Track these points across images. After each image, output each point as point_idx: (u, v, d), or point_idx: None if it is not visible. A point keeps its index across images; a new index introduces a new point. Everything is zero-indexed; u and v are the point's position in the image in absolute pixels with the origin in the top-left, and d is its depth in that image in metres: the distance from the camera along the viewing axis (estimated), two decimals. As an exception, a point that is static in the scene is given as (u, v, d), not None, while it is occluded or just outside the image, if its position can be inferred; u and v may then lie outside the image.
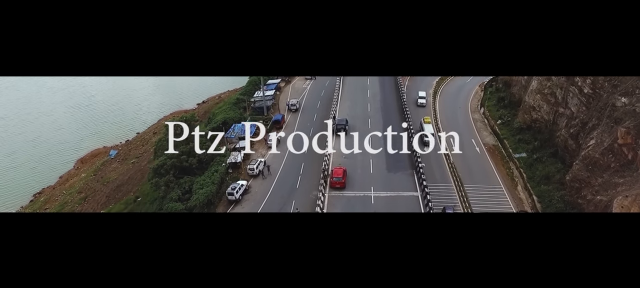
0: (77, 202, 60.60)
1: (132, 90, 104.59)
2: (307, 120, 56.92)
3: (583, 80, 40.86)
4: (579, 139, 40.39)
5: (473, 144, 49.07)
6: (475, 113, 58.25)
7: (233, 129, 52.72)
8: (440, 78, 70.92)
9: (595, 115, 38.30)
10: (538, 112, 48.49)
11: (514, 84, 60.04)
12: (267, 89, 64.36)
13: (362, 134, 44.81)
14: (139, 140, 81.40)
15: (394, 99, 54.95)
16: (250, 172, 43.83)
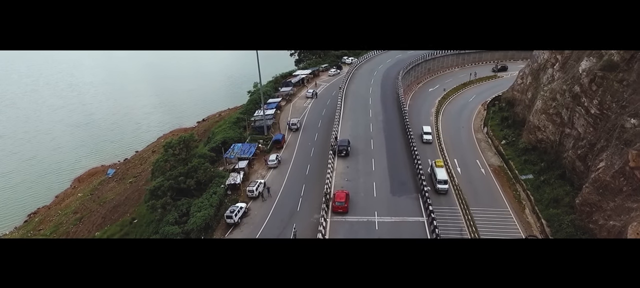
0: (72, 223, 59.20)
1: (132, 108, 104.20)
2: (308, 139, 55.97)
3: (590, 101, 40.05)
4: (587, 160, 39.32)
5: (478, 165, 47.99)
6: (479, 133, 57.35)
7: (232, 148, 51.74)
8: (442, 97, 70.41)
9: (604, 137, 37.30)
10: (543, 133, 47.55)
11: (518, 103, 59.35)
12: (268, 107, 63.64)
13: (364, 156, 43.71)
14: (137, 158, 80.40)
15: (396, 118, 54.09)
16: (249, 194, 42.66)
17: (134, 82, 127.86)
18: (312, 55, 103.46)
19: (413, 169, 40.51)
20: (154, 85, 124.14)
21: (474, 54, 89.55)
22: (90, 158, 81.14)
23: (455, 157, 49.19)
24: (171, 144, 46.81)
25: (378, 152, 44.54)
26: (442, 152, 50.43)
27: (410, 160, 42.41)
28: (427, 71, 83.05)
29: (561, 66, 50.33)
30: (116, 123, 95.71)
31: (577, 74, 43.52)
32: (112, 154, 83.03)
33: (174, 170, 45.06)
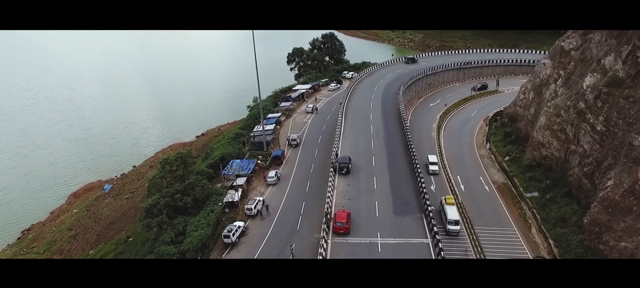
0: (67, 241, 57.84)
1: (130, 123, 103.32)
2: (308, 155, 55.06)
3: (595, 117, 39.25)
4: (594, 178, 38.33)
5: (481, 181, 46.99)
6: (482, 149, 56.47)
7: (231, 165, 50.77)
8: (443, 112, 69.73)
9: (611, 154, 36.39)
10: (548, 149, 46.66)
11: (520, 119, 58.62)
12: (267, 123, 62.87)
13: (366, 173, 42.68)
14: (134, 173, 79.30)
15: (398, 134, 53.23)
16: (247, 212, 41.56)
17: (134, 95, 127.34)
18: (312, 69, 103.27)
19: (416, 187, 39.46)
20: (154, 99, 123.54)
21: (474, 69, 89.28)
22: (87, 174, 79.97)
23: (458, 174, 48.20)
24: (168, 160, 45.87)
25: (380, 169, 43.55)
26: (444, 168, 49.47)
27: (413, 178, 41.40)
28: (427, 86, 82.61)
29: (564, 82, 49.74)
30: (114, 137, 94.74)
31: (581, 89, 42.86)
32: (109, 169, 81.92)
33: (171, 187, 44.03)
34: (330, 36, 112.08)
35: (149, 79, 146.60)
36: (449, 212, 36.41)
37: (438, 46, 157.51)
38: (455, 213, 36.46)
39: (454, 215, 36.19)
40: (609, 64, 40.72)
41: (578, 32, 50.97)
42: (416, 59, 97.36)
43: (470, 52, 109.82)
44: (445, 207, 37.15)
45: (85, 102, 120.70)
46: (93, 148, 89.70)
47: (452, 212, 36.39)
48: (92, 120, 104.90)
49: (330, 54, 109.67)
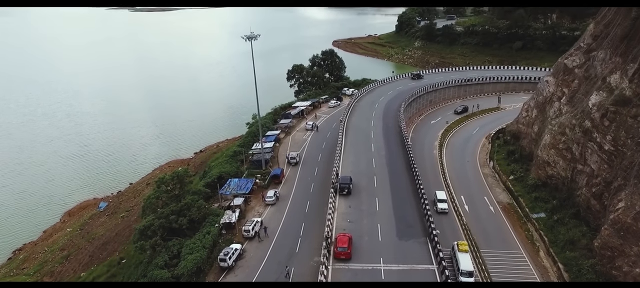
0: (58, 261, 56.09)
1: (129, 139, 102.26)
2: (308, 174, 53.84)
3: (603, 137, 38.23)
4: (603, 199, 37.09)
5: (486, 202, 45.69)
6: (485, 167, 55.30)
7: (228, 184, 49.50)
8: (445, 129, 68.82)
9: (621, 175, 35.22)
10: (553, 168, 45.51)
11: (523, 137, 57.65)
12: (266, 140, 61.85)
13: (368, 194, 41.38)
14: (131, 191, 77.86)
15: (399, 153, 52.11)
16: (245, 234, 40.13)
17: (133, 111, 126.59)
18: (312, 86, 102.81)
19: (420, 209, 38.12)
20: (153, 115, 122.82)
21: (475, 86, 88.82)
22: (83, 191, 78.55)
23: (462, 194, 46.94)
24: (164, 180, 44.63)
25: (382, 189, 42.26)
26: (448, 187, 48.22)
27: (416, 199, 40.09)
28: (428, 103, 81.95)
29: (568, 99, 48.93)
30: (112, 154, 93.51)
31: (586, 108, 41.96)
32: (105, 187, 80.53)
33: (166, 207, 42.71)
34: (330, 53, 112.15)
35: (149, 94, 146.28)
36: (462, 261, 31.36)
37: (437, 62, 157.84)
38: (469, 264, 31.48)
39: (468, 266, 31.07)
40: (614, 82, 39.93)
41: (581, 49, 50.44)
42: (422, 75, 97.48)
43: (472, 68, 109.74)
44: (458, 254, 32.00)
45: (84, 118, 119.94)
46: (90, 165, 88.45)
47: (465, 262, 31.36)
48: (90, 137, 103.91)
49: (330, 71, 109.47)
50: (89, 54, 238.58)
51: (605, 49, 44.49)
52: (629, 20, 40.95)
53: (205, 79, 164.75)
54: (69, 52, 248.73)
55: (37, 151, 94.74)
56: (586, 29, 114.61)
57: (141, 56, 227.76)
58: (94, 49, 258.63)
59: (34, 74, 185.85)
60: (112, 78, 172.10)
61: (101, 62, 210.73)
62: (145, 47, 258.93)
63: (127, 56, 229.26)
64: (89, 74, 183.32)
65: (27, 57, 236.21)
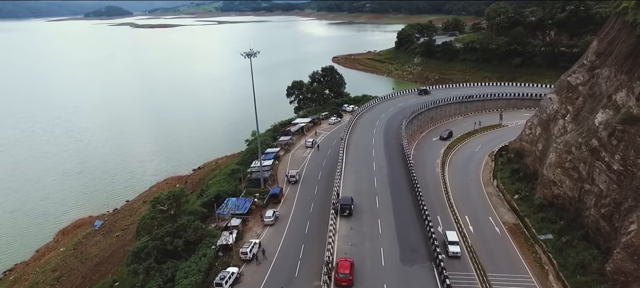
0: (50, 283, 54.36)
1: (127, 156, 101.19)
2: (308, 193, 52.58)
3: (611, 156, 37.16)
4: (613, 221, 35.83)
5: (491, 222, 44.35)
6: (489, 186, 54.09)
7: (226, 203, 48.20)
8: (447, 147, 67.80)
9: (631, 195, 34.03)
10: (560, 188, 44.31)
11: (527, 155, 56.60)
12: (265, 158, 60.76)
13: (370, 215, 40.03)
14: (127, 209, 76.37)
15: (402, 171, 50.87)
16: (242, 257, 38.67)
17: (132, 127, 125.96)
18: (312, 102, 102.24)
19: (424, 232, 36.76)
20: (152, 130, 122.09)
21: (476, 102, 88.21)
22: (79, 209, 77.02)
23: (466, 214, 45.62)
24: (159, 199, 43.36)
25: (384, 210, 40.95)
26: (451, 207, 46.93)
27: (420, 220, 38.76)
28: (430, 120, 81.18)
29: (573, 117, 48.06)
30: (109, 171, 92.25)
31: (593, 126, 41.03)
32: (101, 204, 79.04)
33: (161, 228, 41.36)
34: (330, 69, 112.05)
35: (149, 110, 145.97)
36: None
37: (437, 79, 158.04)
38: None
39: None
40: (621, 100, 39.08)
41: (584, 67, 49.82)
42: (429, 90, 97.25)
43: (476, 85, 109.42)
44: None
45: (83, 134, 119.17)
46: (87, 182, 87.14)
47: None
48: (88, 153, 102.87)
49: (330, 87, 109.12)
50: (91, 70, 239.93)
51: (610, 66, 43.81)
52: (634, 38, 40.33)
53: (205, 94, 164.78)
54: (72, 68, 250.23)
55: (33, 168, 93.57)
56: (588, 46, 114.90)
57: (142, 72, 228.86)
58: (96, 64, 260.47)
59: (35, 89, 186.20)
60: (113, 93, 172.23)
61: (103, 78, 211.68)
62: (146, 63, 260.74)
63: (129, 72, 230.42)
64: (90, 89, 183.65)
65: (28, 72, 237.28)
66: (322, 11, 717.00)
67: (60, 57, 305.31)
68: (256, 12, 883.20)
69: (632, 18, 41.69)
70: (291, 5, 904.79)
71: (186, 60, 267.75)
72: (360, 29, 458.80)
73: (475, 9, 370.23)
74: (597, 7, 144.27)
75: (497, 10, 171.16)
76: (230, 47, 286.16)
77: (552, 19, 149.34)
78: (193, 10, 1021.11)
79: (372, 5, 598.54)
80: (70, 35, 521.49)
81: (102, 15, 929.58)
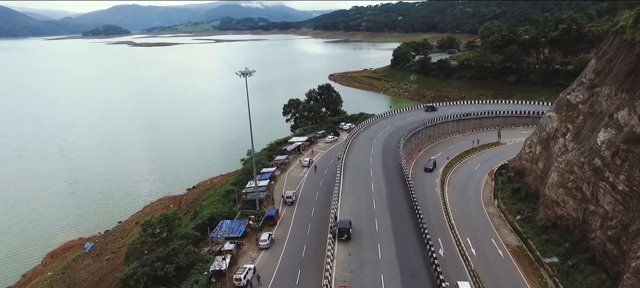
0: (36, 311, 52.10)
1: (121, 176, 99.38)
2: (305, 215, 51.13)
3: (615, 176, 36.22)
4: (621, 243, 34.66)
5: (494, 244, 43.03)
6: (490, 206, 52.91)
7: (220, 226, 46.65)
8: (446, 165, 66.81)
9: (639, 217, 33.00)
10: (563, 209, 43.22)
11: (527, 174, 55.68)
12: (261, 178, 59.39)
13: (369, 239, 38.58)
14: (119, 231, 74.27)
15: (401, 192, 49.54)
16: (236, 283, 37.04)
17: (127, 145, 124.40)
18: (309, 120, 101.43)
19: (425, 256, 35.37)
20: (148, 150, 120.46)
21: (474, 120, 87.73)
22: (69, 231, 74.82)
23: (468, 236, 44.30)
24: (150, 223, 41.79)
25: (384, 234, 39.53)
26: (452, 229, 45.61)
27: (421, 244, 37.37)
28: (427, 138, 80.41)
29: (574, 136, 47.34)
30: (102, 192, 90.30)
31: (595, 145, 40.25)
32: (93, 225, 76.92)
33: (152, 253, 39.72)
34: (327, 87, 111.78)
35: (145, 129, 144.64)
36: None
37: (433, 96, 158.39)
38: None
39: None
40: (623, 119, 38.40)
41: (584, 85, 49.38)
42: (436, 107, 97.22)
43: (474, 102, 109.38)
44: None
45: (76, 153, 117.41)
46: (79, 203, 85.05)
47: None
48: (81, 173, 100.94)
49: (327, 105, 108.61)
50: (87, 88, 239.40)
51: (610, 85, 43.35)
52: (633, 57, 39.96)
53: (202, 112, 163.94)
54: (68, 86, 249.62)
55: (24, 188, 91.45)
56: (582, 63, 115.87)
57: (139, 90, 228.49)
58: (93, 83, 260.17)
59: (30, 107, 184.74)
60: (109, 112, 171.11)
61: (99, 96, 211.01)
62: (143, 82, 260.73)
63: (125, 90, 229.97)
64: (85, 107, 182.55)
65: (24, 90, 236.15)
66: (318, 30, 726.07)
67: (56, 76, 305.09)
68: (253, 31, 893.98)
69: (630, 36, 41.50)
70: (287, 24, 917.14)
71: (183, 78, 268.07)
72: (356, 47, 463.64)
73: (469, 27, 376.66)
74: (589, 26, 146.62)
75: (491, 29, 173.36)
76: (227, 65, 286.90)
77: (545, 37, 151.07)
78: (191, 29, 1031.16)
79: (368, 23, 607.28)
80: (68, 53, 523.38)
81: (100, 34, 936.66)
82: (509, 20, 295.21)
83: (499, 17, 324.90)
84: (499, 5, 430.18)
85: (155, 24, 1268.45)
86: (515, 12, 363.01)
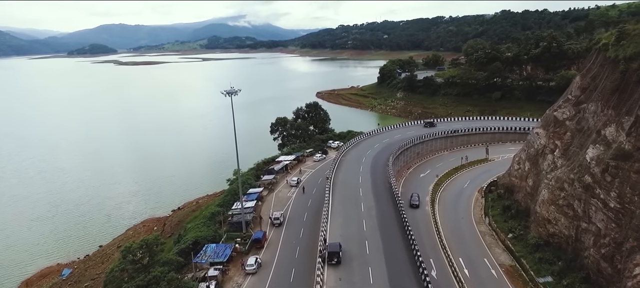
0: (6, 346, 48.83)
1: (104, 198, 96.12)
2: (293, 236, 49.58)
3: (606, 193, 35.95)
4: (615, 262, 34.14)
5: (487, 264, 42.14)
6: (481, 224, 52.24)
7: (205, 250, 44.74)
8: (435, 183, 66.29)
9: (632, 235, 32.56)
10: (555, 226, 42.76)
11: (517, 190, 55.41)
12: (248, 199, 57.79)
13: (360, 263, 37.22)
14: (99, 255, 71.19)
15: (391, 212, 48.43)
16: (221, 312, 35.15)
17: (111, 166, 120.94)
18: (296, 139, 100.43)
19: (418, 279, 34.21)
20: (132, 170, 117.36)
21: (461, 137, 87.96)
22: (47, 257, 71.40)
23: (460, 256, 43.33)
24: (130, 249, 39.80)
25: (375, 257, 38.29)
26: (444, 249, 44.61)
27: (414, 266, 36.23)
28: (416, 155, 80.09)
29: (562, 152, 47.32)
30: (84, 215, 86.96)
31: (584, 162, 40.12)
32: (72, 250, 73.65)
33: (132, 281, 37.63)
34: (314, 105, 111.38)
35: (130, 148, 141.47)
36: None
37: (420, 113, 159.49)
38: None
39: None
40: (611, 135, 38.41)
41: (570, 102, 49.71)
42: (435, 123, 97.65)
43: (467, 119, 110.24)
44: None
45: (57, 174, 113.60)
46: (58, 228, 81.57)
47: None
48: (62, 196, 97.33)
49: (315, 123, 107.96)
50: (71, 107, 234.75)
51: (596, 101, 43.61)
52: (618, 74, 40.34)
53: (189, 131, 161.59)
54: (52, 105, 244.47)
55: (0, 213, 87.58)
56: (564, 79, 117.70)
57: (125, 109, 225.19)
58: (78, 102, 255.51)
59: (12, 127, 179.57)
60: (94, 131, 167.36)
61: (83, 115, 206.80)
62: (129, 100, 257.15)
63: (111, 109, 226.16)
64: (69, 127, 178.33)
65: (6, 110, 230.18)
66: (305, 48, 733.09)
67: (40, 94, 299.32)
68: (240, 49, 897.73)
69: (613, 54, 42.04)
70: (275, 43, 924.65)
71: (170, 96, 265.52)
72: (343, 64, 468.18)
73: (452, 45, 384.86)
74: (569, 43, 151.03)
75: (475, 46, 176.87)
76: (214, 83, 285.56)
77: (527, 55, 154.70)
78: (178, 47, 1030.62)
79: (354, 42, 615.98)
80: (52, 72, 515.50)
81: (85, 52, 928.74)
82: (492, 38, 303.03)
83: (481, 35, 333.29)
84: (481, 24, 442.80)
85: (142, 43, 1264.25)
86: (497, 30, 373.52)
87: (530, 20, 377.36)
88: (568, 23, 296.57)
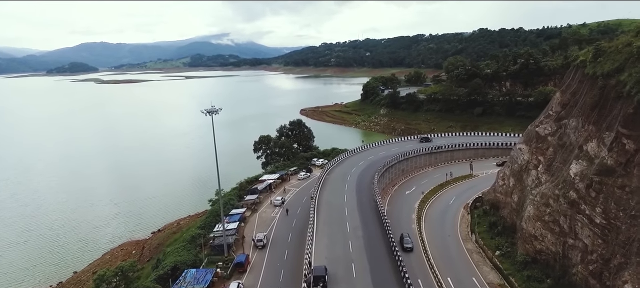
0: None
1: (81, 221, 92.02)
2: (277, 259, 47.93)
3: (592, 209, 35.90)
4: (603, 278, 33.86)
5: (475, 284, 41.41)
6: (468, 242, 51.71)
7: (184, 276, 42.66)
8: (421, 200, 65.81)
9: (619, 251, 32.43)
10: (542, 243, 42.50)
11: (503, 206, 55.34)
12: (230, 220, 55.97)
13: (346, 287, 35.94)
14: (73, 282, 67.59)
15: (378, 232, 47.22)
16: (201, 344, 33.15)
17: (90, 187, 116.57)
18: (280, 157, 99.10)
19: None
20: (111, 191, 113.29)
21: (445, 153, 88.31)
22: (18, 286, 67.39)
23: (449, 275, 42.49)
24: (104, 277, 37.60)
25: (362, 280, 37.06)
26: (431, 268, 43.71)
27: (401, 289, 35.19)
28: (401, 172, 79.79)
29: (546, 168, 47.51)
30: (58, 239, 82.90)
31: (568, 178, 40.21)
32: (44, 278, 69.78)
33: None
34: (298, 123, 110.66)
35: (110, 168, 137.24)
36: None
37: (403, 129, 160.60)
38: None
39: None
40: (592, 150, 38.69)
41: (551, 117, 50.26)
42: (430, 138, 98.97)
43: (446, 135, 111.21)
44: None
45: (32, 197, 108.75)
46: (30, 254, 77.34)
47: None
48: (36, 220, 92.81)
49: (299, 141, 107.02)
50: (50, 126, 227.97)
51: (576, 117, 44.10)
52: (597, 90, 40.92)
53: (171, 150, 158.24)
54: (29, 125, 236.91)
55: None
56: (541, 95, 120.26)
57: (105, 128, 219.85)
58: (57, 120, 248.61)
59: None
60: (72, 151, 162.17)
61: (62, 134, 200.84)
62: (110, 119, 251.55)
63: (90, 128, 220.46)
64: (46, 147, 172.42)
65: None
66: (289, 65, 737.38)
67: (17, 114, 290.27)
68: (224, 67, 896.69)
69: (592, 71, 42.76)
70: (258, 60, 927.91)
71: (151, 115, 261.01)
72: (327, 82, 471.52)
73: (433, 62, 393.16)
74: (545, 60, 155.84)
75: (455, 63, 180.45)
76: (197, 102, 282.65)
77: (506, 71, 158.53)
78: (160, 66, 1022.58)
79: (337, 59, 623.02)
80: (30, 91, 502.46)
81: (65, 71, 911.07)
82: (471, 55, 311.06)
83: (461, 53, 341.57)
84: (460, 42, 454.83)
85: (124, 61, 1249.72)
86: (476, 47, 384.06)
87: (506, 38, 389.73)
88: (543, 41, 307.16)
